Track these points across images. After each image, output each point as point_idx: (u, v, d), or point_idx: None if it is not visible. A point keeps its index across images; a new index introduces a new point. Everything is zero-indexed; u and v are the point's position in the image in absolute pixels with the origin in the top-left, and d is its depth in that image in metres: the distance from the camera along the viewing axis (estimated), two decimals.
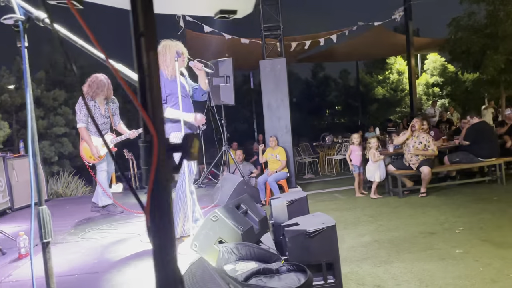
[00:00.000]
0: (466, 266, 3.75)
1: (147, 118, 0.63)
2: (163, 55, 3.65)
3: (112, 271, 3.13)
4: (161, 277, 0.72)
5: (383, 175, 7.46)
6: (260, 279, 2.53)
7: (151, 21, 0.66)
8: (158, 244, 0.71)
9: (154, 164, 0.63)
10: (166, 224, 0.70)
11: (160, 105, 0.66)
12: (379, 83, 24.10)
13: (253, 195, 4.50)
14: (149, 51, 0.65)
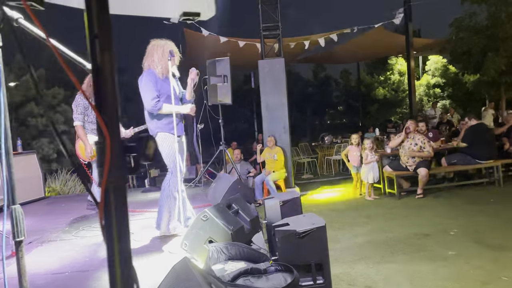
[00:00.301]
0: (457, 268, 3.75)
1: (100, 119, 0.64)
2: (151, 55, 3.68)
3: (102, 269, 3.14)
4: (115, 275, 0.73)
5: (376, 177, 7.45)
6: (248, 279, 2.53)
7: (106, 23, 0.66)
8: (111, 242, 0.72)
9: (107, 165, 0.64)
10: (120, 222, 0.70)
11: (115, 107, 0.66)
12: (380, 84, 24.08)
13: (247, 195, 4.51)
14: (103, 53, 0.66)
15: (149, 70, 3.67)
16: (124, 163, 0.69)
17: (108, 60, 0.66)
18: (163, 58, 3.64)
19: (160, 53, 3.65)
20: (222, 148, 6.66)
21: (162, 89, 3.67)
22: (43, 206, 6.35)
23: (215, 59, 6.59)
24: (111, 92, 0.65)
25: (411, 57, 11.35)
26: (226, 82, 6.52)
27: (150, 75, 3.63)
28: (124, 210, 0.71)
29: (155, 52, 3.67)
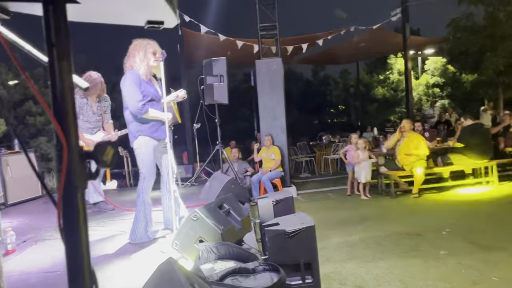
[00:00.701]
0: (448, 268, 3.78)
1: (57, 127, 0.66)
2: (133, 55, 3.56)
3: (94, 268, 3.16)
4: (74, 277, 0.75)
5: (368, 177, 7.48)
6: (236, 278, 2.56)
7: (63, 31, 0.68)
8: (70, 246, 0.74)
9: (64, 171, 0.66)
10: (77, 226, 0.72)
11: (73, 113, 0.68)
12: (379, 83, 24.06)
13: (241, 194, 4.54)
14: (61, 61, 0.68)
15: (132, 70, 3.54)
16: (83, 169, 0.71)
17: (66, 68, 0.68)
18: (146, 58, 3.53)
19: (142, 53, 3.54)
20: (219, 147, 6.68)
21: (146, 91, 3.56)
22: (40, 204, 6.38)
23: (212, 59, 6.61)
24: (69, 99, 0.67)
25: (408, 57, 11.34)
26: (223, 82, 6.53)
27: (133, 76, 3.51)
28: (83, 214, 0.73)
29: (137, 53, 3.55)
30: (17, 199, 6.37)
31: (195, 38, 10.75)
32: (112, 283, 2.85)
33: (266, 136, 8.18)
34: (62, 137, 0.67)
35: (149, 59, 3.58)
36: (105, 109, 5.43)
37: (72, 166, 0.67)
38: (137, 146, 3.67)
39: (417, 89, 22.50)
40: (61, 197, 0.70)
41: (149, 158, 3.66)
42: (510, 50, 12.07)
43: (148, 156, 3.65)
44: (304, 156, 12.36)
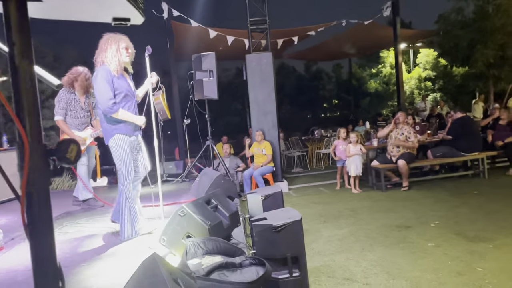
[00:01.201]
0: (435, 260, 3.82)
1: (19, 125, 0.66)
2: (104, 50, 3.49)
3: (82, 264, 3.17)
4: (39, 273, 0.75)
5: (358, 170, 7.52)
6: (223, 272, 2.57)
7: (24, 30, 0.68)
8: (34, 242, 0.74)
9: (26, 169, 0.66)
10: (41, 223, 0.73)
11: (36, 112, 0.69)
12: (371, 77, 24.16)
13: (230, 190, 4.55)
14: (22, 59, 0.68)
15: (103, 66, 3.47)
16: (45, 166, 0.71)
17: (28, 66, 0.67)
18: (118, 53, 3.48)
19: (114, 48, 3.47)
20: (209, 143, 6.68)
21: (119, 87, 3.52)
22: None
23: (201, 54, 6.59)
24: (31, 98, 0.67)
25: (399, 51, 11.37)
26: (212, 77, 6.52)
27: (105, 72, 3.44)
28: (48, 210, 0.73)
29: (109, 47, 3.47)
30: (5, 197, 6.33)
31: (186, 31, 10.71)
32: (100, 279, 2.85)
33: (257, 131, 8.18)
34: (24, 134, 0.67)
35: (122, 54, 3.52)
36: (94, 105, 5.39)
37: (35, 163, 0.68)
38: (113, 144, 3.62)
39: (409, 82, 22.61)
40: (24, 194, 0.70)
41: (126, 155, 3.62)
42: (499, 43, 12.17)
43: (125, 153, 3.61)
44: (296, 151, 12.38)
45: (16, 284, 2.88)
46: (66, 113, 5.14)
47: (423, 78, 22.40)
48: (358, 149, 7.55)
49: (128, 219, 3.64)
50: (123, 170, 3.63)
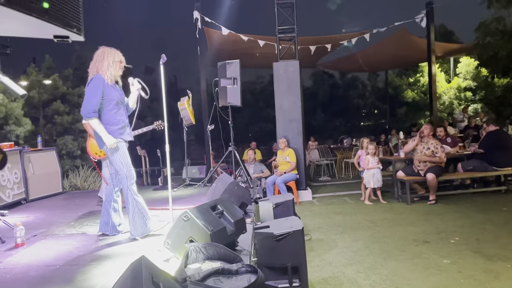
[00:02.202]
0: (448, 277, 3.70)
1: None
2: (100, 60, 3.64)
3: (92, 263, 3.30)
4: None
5: (378, 182, 7.43)
6: (218, 279, 2.61)
7: None
8: None
9: None
10: None
11: None
12: (409, 86, 23.55)
13: (244, 196, 4.58)
14: None
15: (98, 75, 3.63)
16: None
17: None
18: (113, 65, 3.65)
19: (111, 60, 3.65)
20: (231, 149, 6.76)
21: (112, 94, 3.69)
22: (59, 200, 6.64)
23: (226, 62, 6.69)
24: None
25: (433, 61, 11.07)
26: (236, 84, 6.61)
27: (98, 80, 3.61)
28: None
29: (106, 58, 3.64)
30: (37, 195, 6.66)
31: (218, 38, 10.89)
32: (105, 279, 2.96)
33: (280, 139, 8.21)
34: None
35: (116, 66, 3.71)
36: None
37: None
38: (112, 151, 3.76)
39: (448, 92, 21.90)
40: None
41: (126, 157, 3.79)
42: None
43: (124, 155, 3.77)
44: (323, 159, 12.29)
45: (28, 278, 3.03)
46: None
47: (463, 88, 21.61)
48: (376, 161, 7.47)
49: (139, 217, 3.78)
50: (125, 172, 3.77)
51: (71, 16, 1.00)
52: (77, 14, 1.03)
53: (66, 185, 9.04)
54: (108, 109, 3.72)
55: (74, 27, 1.03)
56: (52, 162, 7.20)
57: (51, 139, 10.68)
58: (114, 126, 3.75)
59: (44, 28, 0.95)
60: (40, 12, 0.92)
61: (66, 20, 0.98)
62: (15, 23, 0.92)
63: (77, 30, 1.05)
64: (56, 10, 0.94)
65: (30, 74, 10.80)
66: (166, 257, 3.28)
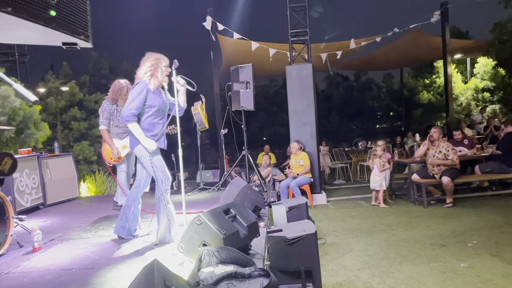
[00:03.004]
0: (465, 281, 3.63)
1: None
2: (156, 67, 3.73)
3: (107, 267, 3.33)
4: None
5: (383, 185, 7.60)
6: (231, 282, 2.62)
7: None
8: None
9: None
10: None
11: None
12: (424, 87, 23.26)
13: (257, 200, 4.58)
14: None
15: (142, 81, 3.73)
16: None
17: None
18: (158, 70, 3.71)
19: (154, 66, 3.72)
20: (245, 153, 6.77)
21: (154, 101, 3.75)
22: (76, 205, 6.74)
23: (238, 66, 6.72)
24: None
25: (449, 61, 10.92)
26: (249, 88, 6.62)
27: (142, 86, 3.70)
28: None
29: (149, 64, 3.73)
30: (55, 199, 6.77)
31: (230, 44, 10.94)
32: (119, 282, 2.99)
33: (292, 144, 8.20)
34: None
35: (163, 72, 3.76)
36: None
37: None
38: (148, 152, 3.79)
39: (465, 93, 21.55)
40: None
41: (161, 161, 3.81)
42: None
43: (160, 160, 3.80)
44: (338, 162, 12.20)
45: (45, 282, 3.08)
46: (109, 122, 5.45)
47: (480, 89, 21.25)
48: (379, 164, 7.54)
49: (164, 224, 3.81)
50: (161, 176, 3.80)
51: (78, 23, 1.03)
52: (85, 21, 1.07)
53: (82, 190, 9.18)
54: (147, 115, 3.77)
55: (81, 34, 1.06)
56: (69, 168, 7.32)
57: (68, 145, 10.88)
58: (149, 133, 3.78)
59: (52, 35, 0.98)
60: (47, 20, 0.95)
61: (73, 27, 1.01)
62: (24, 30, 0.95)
63: (84, 37, 1.09)
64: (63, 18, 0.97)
65: (47, 81, 11.00)
66: (180, 261, 3.30)
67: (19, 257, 3.78)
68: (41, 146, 8.67)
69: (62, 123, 11.08)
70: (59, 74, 11.46)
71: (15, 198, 5.84)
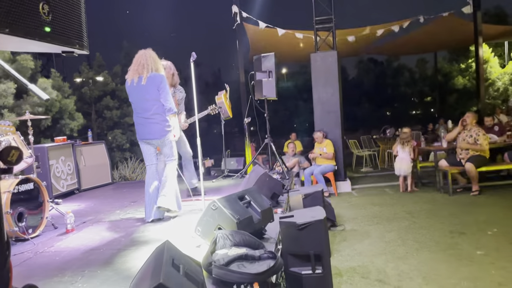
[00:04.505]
0: (479, 268, 3.66)
1: None
2: (160, 63, 4.31)
3: (131, 248, 3.58)
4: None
5: (407, 170, 7.65)
6: (242, 263, 2.79)
7: None
8: None
9: None
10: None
11: None
12: (460, 72, 22.53)
13: (275, 187, 4.72)
14: None
15: (164, 75, 4.25)
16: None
17: None
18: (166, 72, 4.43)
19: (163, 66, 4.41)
20: (268, 141, 6.90)
21: None
22: (108, 190, 7.10)
23: (261, 55, 6.81)
24: None
25: (480, 44, 10.57)
26: (271, 77, 6.71)
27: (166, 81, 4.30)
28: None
29: (160, 64, 4.29)
30: (89, 185, 7.16)
31: (258, 32, 11.01)
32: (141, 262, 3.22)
33: (315, 134, 8.26)
34: None
35: None
36: (179, 100, 5.52)
37: None
38: (171, 138, 4.33)
39: (502, 78, 20.75)
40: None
41: None
42: None
43: None
44: (366, 149, 12.14)
45: (74, 260, 3.36)
46: None
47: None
48: (407, 153, 7.55)
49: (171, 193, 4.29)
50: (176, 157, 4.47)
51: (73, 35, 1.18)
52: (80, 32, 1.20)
53: (116, 176, 9.59)
54: None
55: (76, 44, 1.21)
56: (102, 155, 7.69)
57: (102, 133, 11.33)
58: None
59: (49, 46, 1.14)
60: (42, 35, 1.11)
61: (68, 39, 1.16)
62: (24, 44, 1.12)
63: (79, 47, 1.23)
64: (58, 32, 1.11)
65: (82, 72, 11.46)
66: (197, 244, 3.50)
67: (53, 238, 4.10)
68: (76, 135, 9.11)
69: (97, 112, 11.54)
70: (93, 65, 11.89)
71: (52, 183, 6.23)
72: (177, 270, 1.98)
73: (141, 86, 4.24)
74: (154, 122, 4.30)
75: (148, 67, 4.19)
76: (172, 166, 4.41)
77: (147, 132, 4.38)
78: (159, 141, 4.35)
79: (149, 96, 4.25)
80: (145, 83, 4.21)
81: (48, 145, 6.50)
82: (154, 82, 4.21)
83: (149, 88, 4.23)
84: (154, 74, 4.22)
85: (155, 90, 4.24)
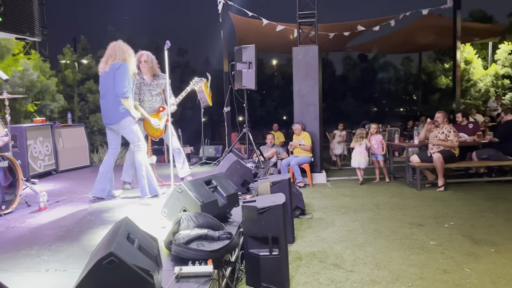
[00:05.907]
0: (429, 257, 3.91)
1: None
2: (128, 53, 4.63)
3: (99, 226, 3.74)
4: None
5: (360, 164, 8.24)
6: (201, 243, 2.97)
7: None
8: None
9: None
10: None
11: None
12: (443, 72, 22.93)
13: (246, 175, 4.90)
14: None
15: (126, 64, 4.49)
16: None
17: None
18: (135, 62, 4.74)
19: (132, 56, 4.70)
20: (246, 130, 7.06)
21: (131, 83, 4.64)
22: (86, 173, 7.21)
23: (242, 46, 6.95)
24: None
25: (457, 47, 10.84)
26: (251, 68, 6.86)
27: (126, 68, 4.50)
28: None
29: (131, 53, 4.64)
30: (67, 166, 7.26)
31: (244, 23, 11.10)
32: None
33: (294, 126, 8.46)
34: None
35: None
36: (164, 87, 5.41)
37: None
38: (129, 123, 4.67)
39: (484, 79, 21.21)
40: None
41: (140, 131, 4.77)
42: None
43: (139, 129, 4.73)
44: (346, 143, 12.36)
45: (44, 236, 3.50)
46: (139, 98, 5.33)
47: (501, 75, 20.85)
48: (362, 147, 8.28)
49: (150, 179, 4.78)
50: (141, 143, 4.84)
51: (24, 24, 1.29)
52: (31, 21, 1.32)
53: (95, 159, 9.67)
54: None
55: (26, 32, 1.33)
56: (81, 137, 7.77)
57: (84, 116, 11.37)
58: None
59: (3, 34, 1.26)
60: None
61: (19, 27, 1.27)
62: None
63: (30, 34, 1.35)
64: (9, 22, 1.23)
65: (65, 54, 11.43)
66: (163, 224, 3.67)
67: (25, 215, 4.23)
68: (56, 116, 9.15)
69: (79, 95, 11.56)
70: (77, 48, 11.88)
71: (29, 163, 6.32)
72: (131, 243, 2.14)
73: (105, 74, 4.54)
74: (108, 108, 4.68)
75: (116, 57, 4.45)
76: (141, 155, 4.79)
77: (105, 117, 4.76)
78: (115, 126, 4.73)
79: (109, 82, 4.54)
80: (107, 70, 4.52)
81: (27, 125, 6.58)
82: (113, 68, 4.51)
83: (109, 75, 4.57)
84: (117, 62, 4.47)
85: (112, 77, 4.48)
